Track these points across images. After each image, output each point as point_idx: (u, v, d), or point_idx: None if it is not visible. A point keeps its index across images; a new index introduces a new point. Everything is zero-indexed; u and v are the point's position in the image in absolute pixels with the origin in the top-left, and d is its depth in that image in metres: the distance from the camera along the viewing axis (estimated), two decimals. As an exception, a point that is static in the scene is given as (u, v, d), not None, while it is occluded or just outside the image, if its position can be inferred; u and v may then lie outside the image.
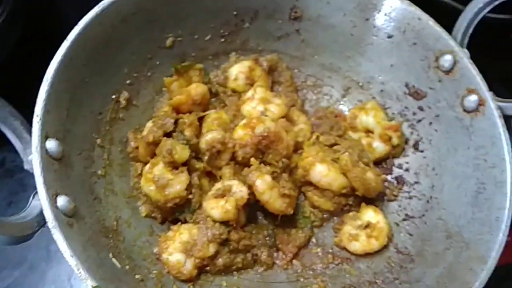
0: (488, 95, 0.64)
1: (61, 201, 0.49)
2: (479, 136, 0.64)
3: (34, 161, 0.49)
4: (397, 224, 0.68)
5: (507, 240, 0.84)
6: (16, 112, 0.53)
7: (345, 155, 0.67)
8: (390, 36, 0.73)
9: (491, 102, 0.63)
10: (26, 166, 0.51)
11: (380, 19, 0.73)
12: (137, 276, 0.54)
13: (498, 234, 0.55)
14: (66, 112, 0.57)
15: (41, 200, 0.48)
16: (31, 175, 0.69)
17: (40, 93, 0.53)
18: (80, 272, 0.45)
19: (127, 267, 0.54)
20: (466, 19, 0.69)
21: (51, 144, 0.52)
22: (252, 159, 0.65)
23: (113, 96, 0.66)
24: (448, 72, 0.68)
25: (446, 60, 0.67)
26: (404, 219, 0.68)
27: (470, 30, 0.69)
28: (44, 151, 0.51)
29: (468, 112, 0.66)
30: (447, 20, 0.71)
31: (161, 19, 0.69)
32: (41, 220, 0.47)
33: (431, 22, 0.69)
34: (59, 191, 0.50)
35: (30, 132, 0.51)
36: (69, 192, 0.52)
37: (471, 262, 0.55)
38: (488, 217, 0.57)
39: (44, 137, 0.52)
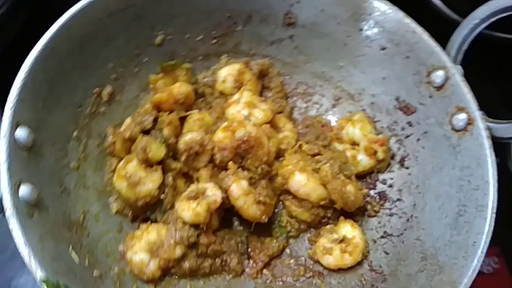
0: (477, 114, 0.61)
1: (24, 189, 0.49)
2: (465, 156, 0.61)
3: (0, 147, 0.49)
4: (375, 241, 0.65)
5: (496, 268, 0.81)
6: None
7: (326, 165, 0.65)
8: (383, 48, 0.72)
9: (480, 122, 0.61)
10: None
11: (374, 30, 0.71)
12: (95, 272, 0.53)
13: (473, 260, 0.52)
14: (43, 102, 0.56)
15: (1, 186, 0.47)
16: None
17: (15, 81, 0.53)
18: (31, 263, 0.44)
19: (87, 262, 0.53)
20: (461, 34, 0.67)
21: (21, 132, 0.51)
22: (230, 163, 0.64)
23: (96, 90, 0.66)
24: (439, 88, 0.66)
25: (438, 76, 0.65)
26: (382, 237, 0.66)
27: (465, 46, 0.67)
28: (13, 138, 0.50)
29: (457, 130, 0.63)
30: (446, 33, 0.70)
31: (151, 16, 0.69)
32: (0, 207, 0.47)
33: (425, 35, 0.67)
34: (23, 179, 0.50)
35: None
36: (35, 182, 0.51)
37: (442, 286, 0.52)
38: (465, 241, 0.55)
39: (15, 124, 0.51)
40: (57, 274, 0.46)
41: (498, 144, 0.61)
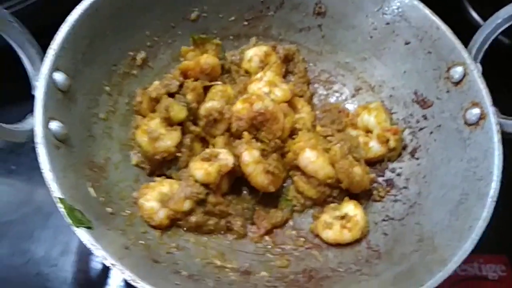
0: (490, 109, 0.62)
1: (55, 125, 0.54)
2: (474, 149, 0.63)
3: (39, 85, 0.54)
4: (376, 223, 0.67)
5: (503, 275, 0.81)
6: (33, 39, 0.58)
7: (336, 146, 0.68)
8: (407, 43, 0.74)
9: (492, 117, 0.62)
10: (33, 92, 0.57)
11: (400, 25, 0.74)
12: (108, 209, 0.58)
13: (466, 241, 0.53)
14: (82, 55, 0.62)
15: (35, 118, 0.53)
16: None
17: (59, 31, 0.59)
18: (52, 185, 0.49)
19: (102, 199, 0.58)
20: (483, 33, 0.68)
21: (59, 76, 0.57)
22: (245, 133, 0.67)
23: (131, 53, 0.71)
24: (457, 83, 0.67)
25: (457, 72, 0.67)
26: (383, 220, 0.67)
27: (486, 45, 0.68)
28: (51, 79, 0.56)
29: (469, 125, 0.65)
30: (469, 34, 0.71)
31: (190, -8, 0.74)
32: (30, 135, 0.52)
33: (448, 32, 0.69)
34: (56, 116, 0.55)
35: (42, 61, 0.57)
36: (66, 121, 0.56)
37: (432, 264, 0.54)
38: (462, 226, 0.56)
39: (55, 68, 0.57)
40: (74, 200, 0.51)
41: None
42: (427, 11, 0.71)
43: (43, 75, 0.56)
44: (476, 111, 0.64)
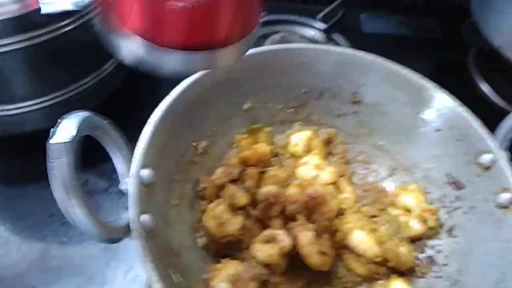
0: (519, 196, 0.70)
1: (144, 218, 0.62)
2: (508, 230, 0.70)
3: (130, 182, 0.63)
4: (423, 302, 0.73)
5: None
6: (123, 142, 0.67)
7: (383, 227, 0.75)
8: (437, 130, 0.83)
9: (521, 203, 0.70)
10: (121, 187, 0.65)
11: (430, 114, 0.83)
12: (188, 292, 0.65)
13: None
14: (160, 150, 0.70)
15: (130, 214, 0.60)
16: (107, 197, 0.84)
17: (144, 132, 0.68)
18: (152, 277, 0.56)
19: (182, 283, 0.65)
20: (510, 123, 0.76)
21: (145, 173, 0.65)
22: (299, 215, 0.75)
23: (194, 144, 0.80)
24: (486, 169, 0.75)
25: (486, 159, 0.75)
26: (429, 298, 0.73)
27: (512, 135, 0.77)
28: (139, 176, 0.64)
29: (500, 207, 0.72)
30: (495, 118, 0.79)
31: (243, 88, 0.84)
32: (127, 230, 0.60)
33: (476, 123, 0.77)
34: (144, 210, 0.63)
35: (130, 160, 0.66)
36: (151, 213, 0.64)
37: None
38: (506, 306, 0.62)
39: (142, 166, 0.65)
40: (166, 288, 0.58)
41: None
42: (455, 103, 0.80)
43: (133, 173, 0.64)
44: (506, 195, 0.71)
